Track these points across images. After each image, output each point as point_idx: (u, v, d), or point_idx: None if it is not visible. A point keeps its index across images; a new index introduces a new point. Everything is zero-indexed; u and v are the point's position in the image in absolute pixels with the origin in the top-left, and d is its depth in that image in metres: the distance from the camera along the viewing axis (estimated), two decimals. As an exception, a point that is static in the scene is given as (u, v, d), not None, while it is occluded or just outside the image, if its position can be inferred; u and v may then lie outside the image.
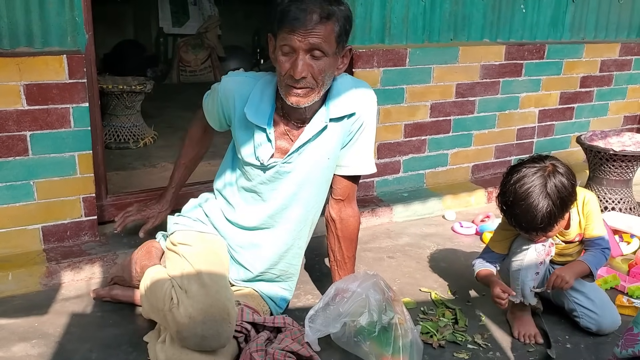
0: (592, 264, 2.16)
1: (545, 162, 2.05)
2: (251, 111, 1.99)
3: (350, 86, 2.04)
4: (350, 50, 1.97)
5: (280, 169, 2.03)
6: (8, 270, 2.35)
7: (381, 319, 1.93)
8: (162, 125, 4.34)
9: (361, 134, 2.08)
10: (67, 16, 2.41)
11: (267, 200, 2.09)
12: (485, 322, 2.30)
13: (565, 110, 3.90)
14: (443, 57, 3.27)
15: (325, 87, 1.93)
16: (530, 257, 2.14)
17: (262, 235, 2.14)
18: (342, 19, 1.85)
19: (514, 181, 2.02)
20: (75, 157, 2.47)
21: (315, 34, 1.79)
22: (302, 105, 1.91)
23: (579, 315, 2.22)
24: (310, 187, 2.08)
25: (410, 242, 3.00)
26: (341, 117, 2.01)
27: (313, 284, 2.55)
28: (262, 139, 2.01)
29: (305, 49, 1.81)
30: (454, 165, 3.54)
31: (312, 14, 1.78)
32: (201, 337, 1.77)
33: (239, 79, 2.07)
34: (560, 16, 3.74)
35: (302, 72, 1.82)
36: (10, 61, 2.26)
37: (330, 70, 1.90)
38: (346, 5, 1.90)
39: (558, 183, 1.99)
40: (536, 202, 1.96)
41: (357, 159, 2.11)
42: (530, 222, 2.00)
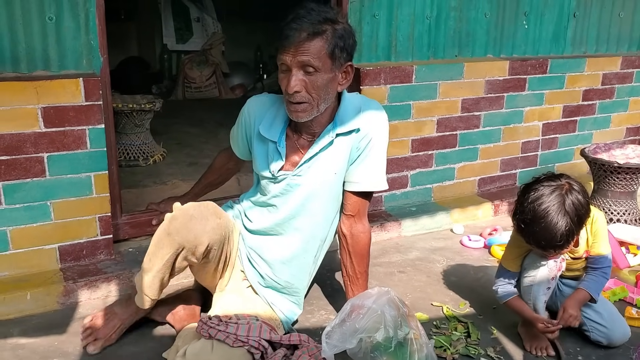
0: (594, 290, 2.20)
1: (561, 180, 2.07)
2: (265, 127, 2.13)
3: (358, 103, 2.12)
4: (351, 66, 2.04)
5: (291, 181, 2.13)
6: (26, 289, 2.39)
7: (397, 335, 1.96)
8: (171, 142, 4.37)
9: (370, 151, 2.13)
10: (83, 40, 2.46)
11: (280, 209, 2.18)
12: (497, 335, 2.33)
13: (569, 123, 3.96)
14: (448, 73, 3.33)
15: (325, 102, 2.01)
16: (543, 273, 2.17)
17: (269, 239, 2.22)
18: (334, 37, 1.93)
19: (532, 200, 2.03)
20: (91, 177, 2.52)
21: (303, 51, 1.89)
22: (302, 119, 2.02)
23: (589, 329, 2.25)
24: (317, 201, 2.15)
25: (420, 256, 3.04)
26: (348, 132, 2.08)
27: (326, 299, 2.58)
28: (273, 152, 2.12)
29: (297, 65, 1.92)
30: (460, 179, 3.58)
31: (302, 32, 1.89)
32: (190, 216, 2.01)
33: (261, 100, 2.22)
34: (562, 31, 3.81)
35: (294, 86, 1.93)
36: (28, 85, 2.31)
37: (328, 85, 1.98)
38: (344, 24, 1.98)
39: (575, 200, 2.02)
40: (555, 220, 1.98)
41: (367, 175, 2.16)
42: (550, 240, 2.02)
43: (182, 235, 1.99)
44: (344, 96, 2.13)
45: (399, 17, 3.18)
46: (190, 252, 2.02)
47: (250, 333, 1.96)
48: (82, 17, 2.44)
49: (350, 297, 2.24)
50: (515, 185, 3.82)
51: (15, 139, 2.34)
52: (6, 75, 2.34)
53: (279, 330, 2.14)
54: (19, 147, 2.35)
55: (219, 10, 6.94)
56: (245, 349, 1.93)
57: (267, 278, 2.21)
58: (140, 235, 2.83)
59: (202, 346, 1.92)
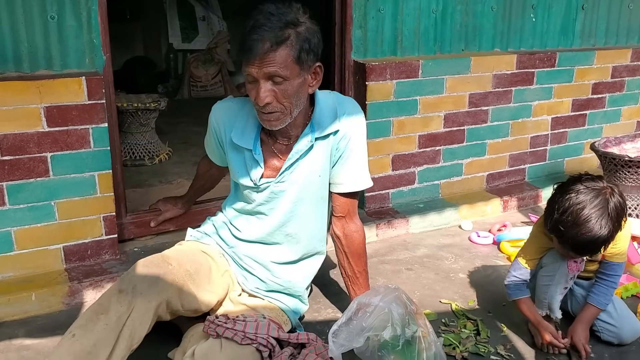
0: (603, 304, 2.17)
1: (603, 183, 2.01)
2: (237, 135, 2.07)
3: (333, 104, 2.07)
4: (320, 66, 1.96)
5: (275, 188, 2.08)
6: (31, 290, 2.38)
7: (405, 333, 1.93)
8: (176, 141, 4.37)
9: (352, 151, 2.09)
10: (85, 38, 2.44)
11: (269, 217, 2.14)
12: (507, 333, 2.30)
13: (578, 117, 3.90)
14: (455, 67, 3.28)
15: (297, 107, 1.95)
16: (563, 273, 2.13)
17: (262, 248, 2.18)
18: (299, 41, 1.85)
19: (574, 202, 1.96)
20: (95, 176, 2.50)
21: (268, 62, 1.82)
22: (277, 127, 1.97)
23: (599, 329, 2.21)
24: (305, 205, 2.13)
25: (427, 253, 3.01)
26: (326, 135, 2.05)
27: (333, 297, 2.55)
28: (250, 160, 2.07)
29: (264, 77, 1.85)
30: (468, 175, 3.54)
31: (265, 43, 1.80)
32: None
33: (226, 105, 2.14)
34: (570, 24, 3.76)
35: (264, 99, 1.86)
36: (30, 84, 2.30)
37: (298, 91, 1.91)
38: (307, 23, 1.89)
39: (618, 205, 1.97)
40: (599, 225, 1.93)
41: (351, 175, 2.13)
42: (589, 245, 1.97)
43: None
44: (317, 96, 2.06)
45: (405, 11, 3.14)
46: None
47: (258, 330, 1.93)
48: (84, 16, 2.42)
49: (353, 297, 2.21)
50: (524, 180, 3.77)
51: (18, 139, 2.32)
52: (8, 74, 2.33)
53: (285, 327, 2.12)
54: (22, 147, 2.34)
55: (224, 8, 6.93)
56: (253, 346, 1.90)
57: (268, 281, 2.18)
58: (145, 235, 2.82)
59: (210, 345, 1.89)
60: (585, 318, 2.18)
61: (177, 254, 2.05)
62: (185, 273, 1.97)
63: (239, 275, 2.20)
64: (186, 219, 2.84)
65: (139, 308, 1.82)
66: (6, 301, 2.33)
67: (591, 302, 2.18)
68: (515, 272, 2.25)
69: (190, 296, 1.97)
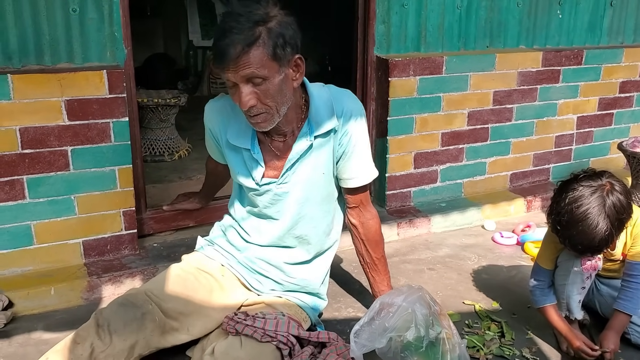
0: (631, 309, 2.08)
1: (602, 180, 1.94)
2: (233, 135, 2.02)
3: (328, 99, 2.00)
4: (300, 58, 1.86)
5: (278, 190, 2.04)
6: (50, 284, 2.37)
7: (428, 334, 1.88)
8: (196, 138, 4.34)
9: (355, 145, 2.05)
10: (107, 32, 2.43)
11: (277, 221, 2.10)
12: (531, 336, 2.24)
13: (605, 116, 3.82)
14: (480, 64, 3.22)
15: (284, 104, 1.88)
16: (577, 273, 2.07)
17: (274, 251, 2.14)
18: (272, 37, 1.77)
19: (570, 200, 1.91)
20: (115, 171, 2.48)
21: (243, 65, 1.75)
22: (266, 128, 1.91)
23: (628, 331, 2.14)
24: (311, 205, 2.09)
25: (450, 253, 2.95)
26: (326, 132, 2.00)
27: (353, 297, 2.51)
28: (250, 160, 2.02)
29: (242, 80, 1.78)
30: (492, 174, 3.48)
31: (236, 46, 1.73)
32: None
33: (219, 105, 2.08)
34: (598, 21, 3.67)
35: (247, 102, 1.80)
36: (52, 77, 2.29)
37: (282, 87, 1.84)
38: (279, 17, 1.80)
39: (617, 202, 1.89)
40: (595, 224, 1.86)
41: (359, 169, 2.10)
42: (587, 244, 1.91)
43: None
44: (311, 91, 1.98)
45: (429, 7, 3.09)
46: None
47: (278, 328, 1.90)
48: (105, 9, 2.41)
49: (373, 284, 2.24)
50: (548, 180, 3.70)
51: (39, 132, 2.31)
52: (30, 67, 2.32)
53: (305, 324, 2.08)
54: (42, 140, 2.33)
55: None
56: (273, 344, 1.87)
57: (284, 282, 2.14)
58: (165, 230, 2.80)
59: (230, 343, 1.86)
60: (615, 326, 2.09)
61: (165, 288, 1.99)
62: (169, 310, 1.93)
63: (252, 280, 2.15)
64: (206, 215, 2.82)
65: (115, 345, 1.80)
66: (25, 295, 2.32)
67: (618, 307, 2.10)
68: (537, 275, 2.20)
69: (173, 334, 1.94)
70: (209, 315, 2.02)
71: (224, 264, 2.15)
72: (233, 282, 2.14)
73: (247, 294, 2.15)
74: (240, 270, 2.14)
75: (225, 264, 2.15)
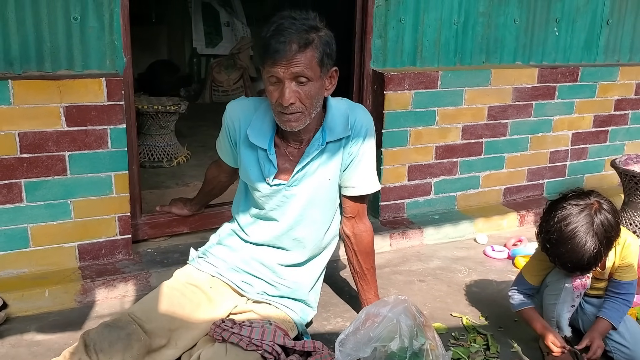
0: (615, 319, 2.12)
1: (590, 199, 1.98)
2: (253, 133, 2.09)
3: (345, 110, 2.12)
4: (336, 71, 2.03)
5: (287, 192, 2.11)
6: (44, 287, 2.41)
7: (412, 345, 1.91)
8: (195, 145, 4.39)
9: (363, 156, 2.15)
10: (107, 40, 2.48)
11: (279, 222, 2.16)
12: (517, 349, 2.27)
13: (599, 133, 3.85)
14: (475, 79, 3.27)
15: (315, 109, 2.00)
16: (568, 292, 2.10)
17: (268, 251, 2.19)
18: (322, 44, 1.92)
19: (559, 219, 1.95)
20: (111, 177, 2.53)
21: (296, 62, 1.88)
22: (296, 128, 2.00)
23: (612, 350, 2.17)
24: (315, 208, 2.15)
25: (441, 265, 2.98)
26: (338, 139, 2.09)
27: (342, 306, 2.54)
28: (264, 160, 2.09)
29: (289, 77, 1.90)
30: (485, 188, 3.51)
31: (292, 45, 1.86)
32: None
33: (243, 103, 2.19)
34: (594, 39, 3.71)
35: (289, 99, 1.91)
36: (51, 84, 2.34)
37: (318, 93, 1.97)
38: (326, 31, 1.97)
39: (605, 221, 1.93)
40: (583, 242, 1.90)
41: (362, 179, 2.19)
42: (576, 263, 1.94)
43: None
44: (329, 102, 2.11)
45: (426, 22, 3.14)
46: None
47: (264, 337, 1.93)
48: (106, 18, 2.45)
49: (360, 291, 2.33)
50: (542, 195, 3.73)
51: (37, 137, 2.36)
52: (31, 73, 2.37)
53: (292, 333, 2.11)
54: (41, 145, 2.37)
55: (249, 15, 6.98)
56: (259, 353, 1.90)
57: (275, 284, 2.18)
58: (159, 236, 2.84)
59: (215, 350, 1.90)
60: (597, 329, 2.12)
61: (149, 309, 2.02)
62: (154, 330, 1.96)
63: (242, 284, 2.19)
64: (201, 222, 2.86)
65: None
66: (20, 296, 2.36)
67: (602, 315, 2.14)
68: (519, 285, 2.25)
69: (161, 351, 1.97)
70: (196, 327, 2.05)
71: (214, 274, 2.19)
72: (222, 292, 2.17)
73: (237, 301, 2.18)
74: (231, 277, 2.18)
75: (214, 274, 2.19)
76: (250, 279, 2.19)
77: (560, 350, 2.08)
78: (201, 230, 2.86)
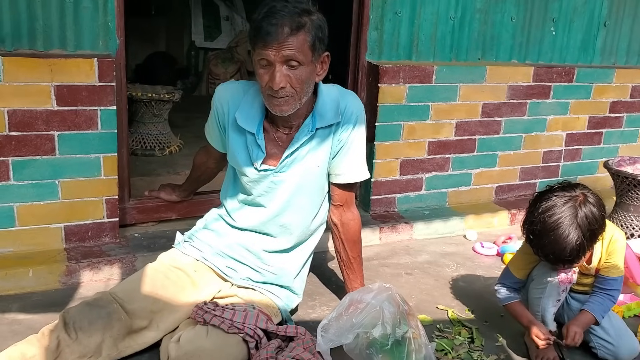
0: (598, 312, 2.10)
1: (575, 191, 1.96)
2: (242, 116, 2.08)
3: (336, 96, 2.10)
4: (327, 56, 2.02)
5: (275, 178, 2.09)
6: (29, 267, 2.39)
7: (395, 332, 1.90)
8: (189, 135, 4.38)
9: (352, 143, 2.13)
10: (101, 21, 2.46)
11: (266, 208, 2.15)
12: (502, 343, 2.26)
13: (594, 135, 3.85)
14: (470, 76, 3.26)
15: (306, 94, 1.99)
16: (553, 286, 2.09)
17: (254, 236, 2.18)
18: (314, 28, 1.91)
19: (543, 210, 1.94)
20: (100, 158, 2.51)
21: (288, 46, 1.86)
22: (286, 113, 1.99)
23: (596, 346, 2.16)
24: (303, 195, 2.14)
25: (429, 259, 2.97)
26: (327, 126, 2.07)
27: (329, 296, 2.53)
28: (252, 145, 2.08)
29: (280, 61, 1.88)
30: (477, 185, 3.50)
31: (283, 27, 1.85)
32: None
33: (232, 86, 2.17)
34: (591, 40, 3.71)
35: (280, 82, 1.89)
36: (43, 62, 2.32)
37: (309, 77, 1.96)
38: (318, 15, 1.95)
39: (589, 214, 1.91)
40: (566, 234, 1.88)
41: (351, 167, 2.17)
42: (558, 254, 1.93)
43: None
44: (320, 88, 2.09)
45: (422, 16, 3.13)
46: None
47: (246, 320, 1.92)
48: (100, -2, 2.44)
49: (346, 280, 2.32)
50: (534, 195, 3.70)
51: (27, 115, 2.34)
52: (22, 51, 2.35)
53: (275, 318, 2.10)
54: (30, 123, 2.36)
55: (248, 10, 6.97)
56: (240, 336, 1.89)
57: (260, 270, 2.17)
58: (147, 221, 2.82)
59: (196, 332, 1.88)
60: (579, 319, 2.10)
61: (132, 289, 2.01)
62: (135, 311, 1.95)
63: (227, 269, 2.17)
64: (189, 208, 2.84)
65: (81, 341, 1.84)
66: (3, 275, 2.34)
67: (586, 308, 2.12)
68: (505, 279, 2.23)
69: (142, 332, 1.96)
70: (179, 310, 2.03)
71: (198, 258, 2.17)
72: (206, 276, 2.16)
73: (221, 285, 2.17)
74: (215, 261, 2.17)
75: (199, 258, 2.17)
76: (234, 264, 2.18)
77: (544, 343, 2.07)
78: (189, 217, 2.84)
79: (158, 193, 2.78)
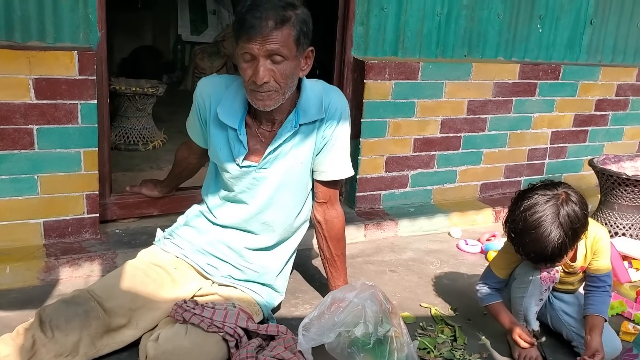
0: (604, 312, 2.08)
1: (557, 190, 1.95)
2: (223, 111, 2.04)
3: (320, 92, 2.08)
4: (312, 51, 1.99)
5: (257, 175, 2.06)
6: (6, 263, 2.34)
7: (377, 331, 1.88)
8: (173, 130, 4.33)
9: (336, 140, 2.11)
10: (81, 13, 2.42)
11: (248, 205, 2.12)
12: (484, 342, 2.25)
13: (579, 132, 3.85)
14: (456, 72, 3.24)
15: (290, 89, 1.96)
16: (536, 285, 2.08)
17: (236, 234, 2.15)
18: (298, 22, 1.88)
19: (525, 208, 1.92)
20: (80, 153, 2.47)
21: (272, 40, 1.83)
22: (269, 108, 1.96)
23: (578, 345, 2.15)
24: (286, 192, 2.12)
25: (413, 257, 2.96)
26: (311, 122, 2.05)
27: (312, 294, 2.51)
28: (234, 140, 2.05)
29: (264, 55, 1.85)
30: (462, 183, 3.50)
31: (268, 21, 1.82)
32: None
33: (214, 80, 2.14)
34: (578, 38, 3.71)
35: (263, 77, 1.86)
36: (21, 54, 2.27)
37: (293, 72, 1.93)
38: (303, 9, 1.93)
39: (571, 212, 1.90)
40: (547, 232, 1.87)
41: (335, 164, 2.15)
42: (540, 253, 1.91)
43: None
44: (304, 83, 2.06)
45: (408, 12, 3.11)
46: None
47: (226, 319, 1.89)
48: (81, -11, 2.40)
49: (330, 278, 2.30)
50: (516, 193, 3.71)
51: (4, 109, 2.29)
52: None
53: (257, 317, 2.07)
54: (7, 117, 2.31)
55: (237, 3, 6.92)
56: (219, 335, 1.87)
57: (241, 267, 2.14)
58: (128, 217, 2.78)
59: (175, 331, 1.86)
60: (596, 329, 2.04)
61: (110, 287, 1.98)
62: (114, 308, 1.92)
63: (207, 267, 2.14)
64: (171, 204, 2.81)
65: (57, 339, 1.81)
66: (-21, 272, 2.30)
67: (594, 312, 2.08)
68: (486, 279, 2.22)
69: (121, 331, 1.93)
70: (158, 308, 2.00)
71: (179, 256, 2.14)
72: (186, 273, 2.13)
73: (201, 283, 2.14)
74: (196, 259, 2.14)
75: (180, 255, 2.14)
76: (215, 261, 2.15)
77: (528, 345, 2.07)
78: (171, 213, 2.79)
79: (140, 189, 2.74)
